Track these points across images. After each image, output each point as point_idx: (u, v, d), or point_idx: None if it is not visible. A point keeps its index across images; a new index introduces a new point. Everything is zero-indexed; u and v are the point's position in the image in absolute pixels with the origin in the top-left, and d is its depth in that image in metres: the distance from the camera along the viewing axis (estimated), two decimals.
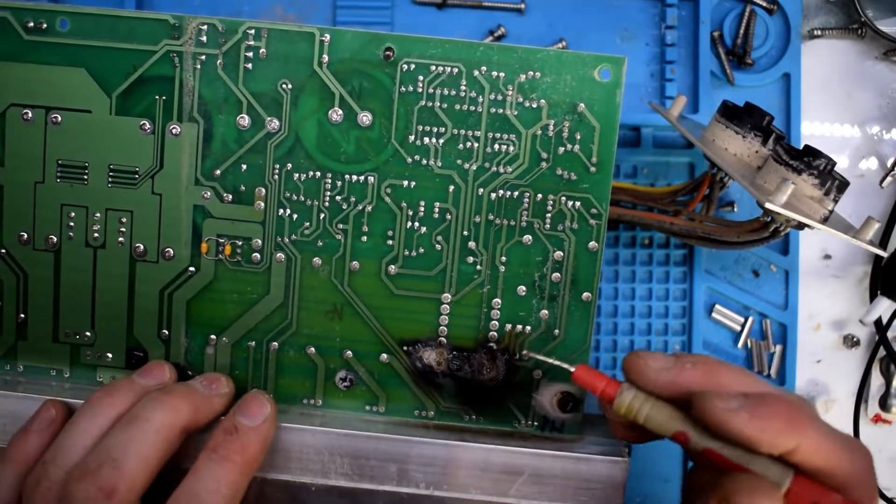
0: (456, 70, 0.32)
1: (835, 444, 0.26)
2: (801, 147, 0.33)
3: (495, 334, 0.34)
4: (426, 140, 0.32)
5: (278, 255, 0.33)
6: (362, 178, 0.33)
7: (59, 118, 0.33)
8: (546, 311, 0.33)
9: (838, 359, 0.45)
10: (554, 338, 0.33)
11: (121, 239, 0.33)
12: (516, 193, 0.33)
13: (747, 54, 0.43)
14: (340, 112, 0.32)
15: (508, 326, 0.33)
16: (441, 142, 0.32)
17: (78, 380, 0.34)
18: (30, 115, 0.33)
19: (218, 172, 0.33)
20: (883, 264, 0.42)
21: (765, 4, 0.43)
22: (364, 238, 0.33)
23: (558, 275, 0.33)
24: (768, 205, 0.31)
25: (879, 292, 0.42)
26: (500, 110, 0.32)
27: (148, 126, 0.32)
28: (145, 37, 0.32)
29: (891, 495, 0.44)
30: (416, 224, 0.33)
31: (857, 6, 0.43)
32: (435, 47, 0.32)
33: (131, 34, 0.32)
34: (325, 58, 0.32)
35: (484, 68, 0.32)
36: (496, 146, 0.32)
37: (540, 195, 0.33)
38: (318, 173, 0.33)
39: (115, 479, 0.28)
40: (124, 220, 0.33)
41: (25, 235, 0.33)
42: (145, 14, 0.32)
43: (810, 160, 0.33)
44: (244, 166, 0.33)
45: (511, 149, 0.32)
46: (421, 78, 0.32)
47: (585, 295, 0.33)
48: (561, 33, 0.43)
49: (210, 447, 0.30)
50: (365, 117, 0.32)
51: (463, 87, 0.32)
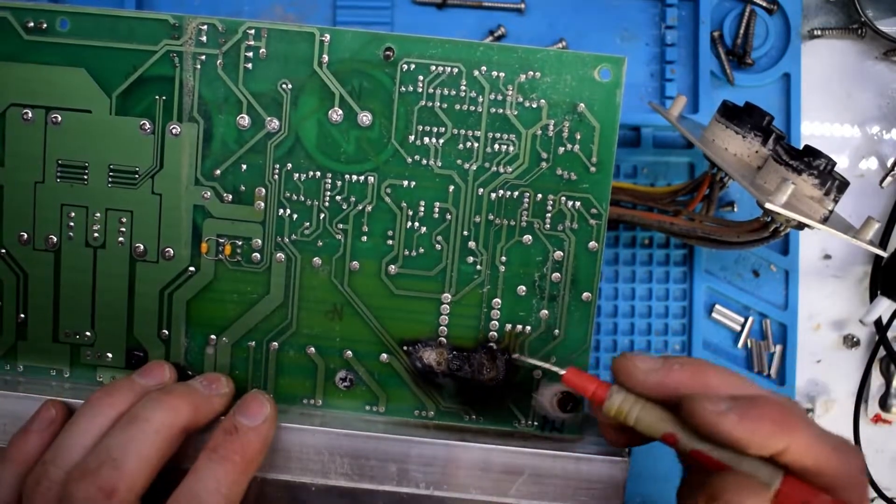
0: (456, 70, 0.32)
1: (825, 445, 0.26)
2: (801, 147, 0.33)
3: (495, 334, 0.34)
4: (426, 140, 0.32)
5: (278, 255, 0.33)
6: (362, 178, 0.33)
7: (59, 118, 0.33)
8: (546, 311, 0.33)
9: (838, 359, 0.45)
10: (554, 338, 0.33)
11: (121, 239, 0.33)
12: (516, 193, 0.33)
13: (747, 54, 0.43)
14: (340, 112, 0.32)
15: (508, 326, 0.33)
16: (441, 142, 0.32)
17: (78, 380, 0.34)
18: (30, 115, 0.33)
19: (218, 172, 0.33)
20: (883, 264, 0.42)
21: (765, 4, 0.43)
22: (364, 238, 0.33)
23: (558, 275, 0.33)
24: (768, 205, 0.31)
25: (879, 292, 0.42)
26: (500, 110, 0.32)
27: (148, 126, 0.32)
28: (145, 37, 0.32)
29: (891, 495, 0.44)
30: (416, 224, 0.33)
31: (857, 6, 0.43)
32: (435, 47, 0.32)
33: (131, 34, 0.32)
34: (325, 58, 0.32)
35: (484, 68, 0.32)
36: (496, 146, 0.32)
37: (540, 195, 0.33)
38: (318, 173, 0.33)
39: (115, 479, 0.28)
40: (124, 220, 0.33)
41: (25, 235, 0.33)
42: (145, 14, 0.32)
43: (810, 160, 0.33)
44: (244, 166, 0.33)
45: (511, 149, 0.32)
46: (421, 78, 0.32)
47: (585, 295, 0.33)
48: (561, 33, 0.43)
49: (210, 447, 0.30)
50: (365, 117, 0.32)
51: (463, 87, 0.32)
